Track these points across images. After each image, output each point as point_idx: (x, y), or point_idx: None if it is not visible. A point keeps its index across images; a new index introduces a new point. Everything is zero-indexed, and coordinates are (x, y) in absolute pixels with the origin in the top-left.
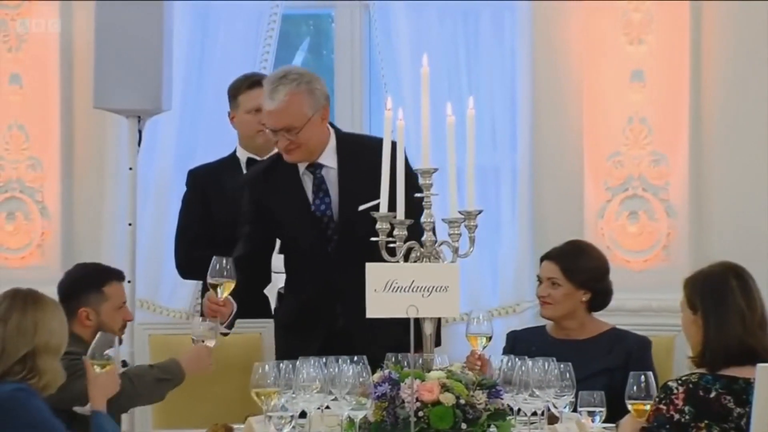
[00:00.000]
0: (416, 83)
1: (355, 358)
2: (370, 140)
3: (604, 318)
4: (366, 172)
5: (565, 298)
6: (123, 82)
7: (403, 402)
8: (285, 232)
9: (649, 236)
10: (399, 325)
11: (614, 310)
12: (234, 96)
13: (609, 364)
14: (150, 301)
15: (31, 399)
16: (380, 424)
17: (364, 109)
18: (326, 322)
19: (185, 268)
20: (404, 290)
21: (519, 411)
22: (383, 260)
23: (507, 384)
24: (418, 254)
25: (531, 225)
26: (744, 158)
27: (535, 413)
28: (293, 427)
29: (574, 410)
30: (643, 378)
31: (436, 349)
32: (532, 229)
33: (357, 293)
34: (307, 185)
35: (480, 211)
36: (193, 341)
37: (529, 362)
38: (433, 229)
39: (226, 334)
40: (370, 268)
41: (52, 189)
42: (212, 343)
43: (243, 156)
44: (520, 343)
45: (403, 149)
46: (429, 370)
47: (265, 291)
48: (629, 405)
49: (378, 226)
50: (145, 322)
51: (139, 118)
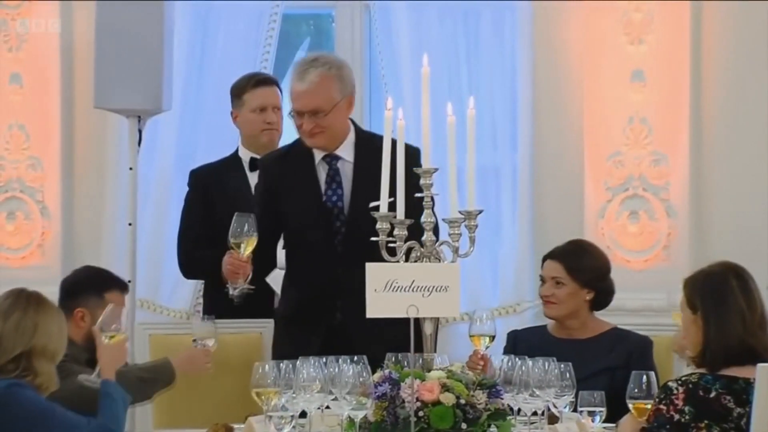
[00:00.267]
0: (416, 83)
1: (356, 358)
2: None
3: (605, 318)
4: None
5: (569, 298)
6: (123, 82)
7: (404, 402)
8: (292, 221)
9: (650, 236)
10: (399, 323)
11: (614, 310)
12: (238, 95)
13: (610, 364)
14: (150, 301)
15: (25, 391)
16: (380, 424)
17: (365, 108)
18: (327, 316)
19: (188, 268)
20: (404, 290)
21: (519, 411)
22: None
23: (507, 384)
24: (419, 254)
25: (531, 225)
26: (744, 158)
27: (535, 413)
28: (293, 427)
29: (575, 410)
30: (645, 378)
31: None
32: (533, 229)
33: (359, 289)
34: (321, 175)
35: (480, 211)
36: (194, 342)
37: (530, 362)
38: (434, 229)
39: (252, 290)
40: (371, 267)
41: (52, 189)
42: (212, 342)
43: (245, 156)
44: (521, 343)
45: (419, 154)
46: (429, 370)
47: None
48: (630, 404)
49: (378, 226)
50: (145, 322)
51: (140, 117)
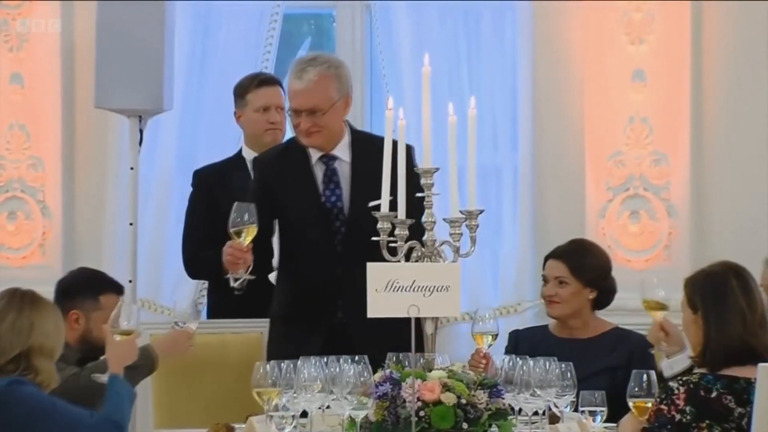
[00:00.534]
0: (417, 83)
1: (357, 358)
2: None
3: (605, 318)
4: (380, 170)
5: (572, 297)
6: (124, 82)
7: (405, 401)
8: (290, 220)
9: (650, 236)
10: (400, 323)
11: (615, 310)
12: (241, 95)
13: (611, 364)
14: (151, 301)
15: (26, 388)
16: (381, 424)
17: (365, 108)
18: (327, 316)
19: (194, 269)
20: (405, 290)
21: (520, 411)
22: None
23: (508, 383)
24: (420, 254)
25: (532, 225)
26: (745, 158)
27: (536, 413)
28: (294, 427)
29: (576, 410)
30: (645, 376)
31: None
32: (534, 229)
33: (360, 289)
34: (318, 175)
35: (481, 211)
36: (175, 324)
37: (531, 362)
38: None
39: (252, 280)
40: (372, 267)
41: (53, 189)
42: (194, 325)
43: (249, 155)
44: (522, 343)
45: (413, 151)
46: (430, 370)
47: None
48: (630, 403)
49: (379, 226)
50: (146, 322)
51: (141, 117)
